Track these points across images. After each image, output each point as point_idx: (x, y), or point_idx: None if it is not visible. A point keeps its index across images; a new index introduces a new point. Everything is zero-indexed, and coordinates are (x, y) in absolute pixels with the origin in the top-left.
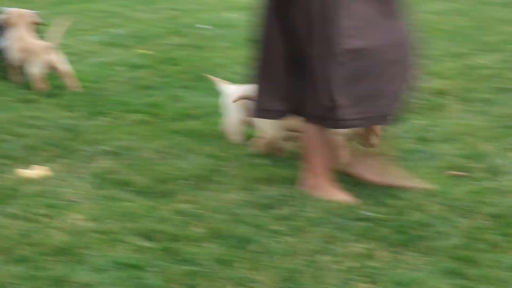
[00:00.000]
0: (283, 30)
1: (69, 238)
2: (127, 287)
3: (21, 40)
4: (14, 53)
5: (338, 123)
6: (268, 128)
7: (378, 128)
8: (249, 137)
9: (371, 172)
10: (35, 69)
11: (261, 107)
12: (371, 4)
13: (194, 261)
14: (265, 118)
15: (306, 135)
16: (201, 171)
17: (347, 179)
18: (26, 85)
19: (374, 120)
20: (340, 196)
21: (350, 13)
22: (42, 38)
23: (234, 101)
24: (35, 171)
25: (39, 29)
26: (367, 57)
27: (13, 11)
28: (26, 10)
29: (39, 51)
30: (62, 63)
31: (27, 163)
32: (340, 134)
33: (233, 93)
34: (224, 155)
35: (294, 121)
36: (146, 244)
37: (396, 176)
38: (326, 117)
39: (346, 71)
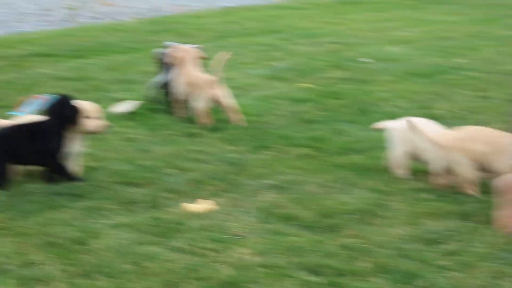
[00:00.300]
0: None
1: (235, 272)
2: None
3: (187, 75)
4: (179, 88)
5: None
6: (465, 167)
7: None
8: (414, 171)
9: None
10: (200, 104)
11: None
12: None
13: None
14: None
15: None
16: (366, 206)
17: None
18: (190, 119)
19: None
20: None
21: None
22: (206, 72)
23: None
24: (201, 205)
25: (203, 63)
26: None
27: (179, 46)
28: (191, 45)
29: (205, 86)
30: (226, 97)
31: (192, 197)
32: None
33: (398, 127)
34: (388, 190)
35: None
36: (313, 278)
37: None
38: None
39: None
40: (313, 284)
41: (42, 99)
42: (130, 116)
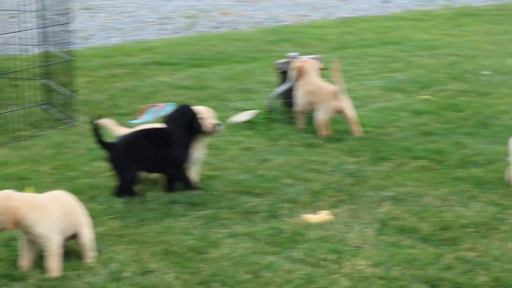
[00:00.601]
0: None
1: (353, 284)
2: None
3: (310, 85)
4: (301, 98)
5: None
6: None
7: None
8: None
9: None
10: (323, 114)
11: None
12: None
13: None
14: None
15: None
16: (484, 219)
17: None
18: (309, 129)
19: None
20: None
21: None
22: (328, 82)
23: None
24: (319, 216)
25: (322, 74)
26: None
27: (300, 57)
28: (311, 56)
29: (328, 97)
30: (349, 108)
31: (311, 208)
32: None
33: None
34: (508, 203)
35: None
36: None
37: None
38: None
39: None
40: None
41: (161, 108)
42: (249, 125)
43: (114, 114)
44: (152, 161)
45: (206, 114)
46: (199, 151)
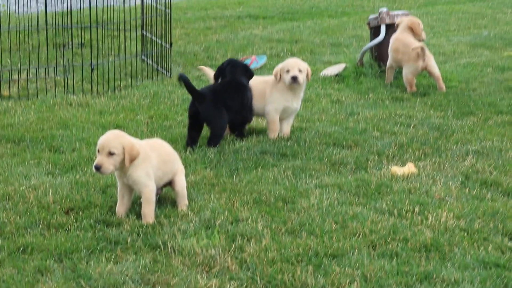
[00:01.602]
0: None
1: (437, 235)
2: (492, 286)
3: (399, 41)
4: (391, 54)
5: None
6: None
7: None
8: None
9: None
10: (408, 73)
11: None
12: None
13: None
14: None
15: None
16: None
17: None
18: (397, 84)
19: None
20: None
21: None
22: (416, 39)
23: None
24: (406, 169)
25: (412, 30)
26: None
27: (391, 13)
28: (402, 11)
29: (414, 56)
30: (434, 66)
31: (398, 160)
32: None
33: None
34: None
35: None
36: (511, 244)
37: None
38: None
39: None
40: (511, 249)
41: (254, 60)
42: (339, 79)
43: (209, 65)
44: (236, 108)
45: (290, 66)
46: (294, 103)
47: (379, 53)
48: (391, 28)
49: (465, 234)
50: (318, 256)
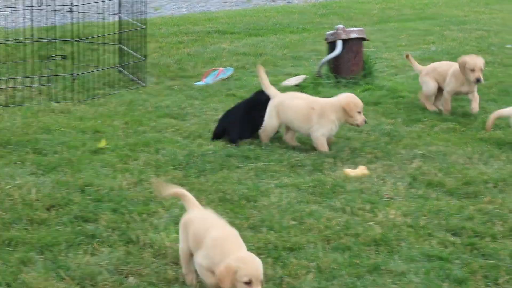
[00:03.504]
0: None
1: (385, 231)
2: (436, 277)
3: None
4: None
5: None
6: None
7: None
8: None
9: None
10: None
11: None
12: None
13: (495, 256)
14: None
15: None
16: (504, 176)
17: None
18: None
19: None
20: None
21: None
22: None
23: None
24: (358, 170)
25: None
26: None
27: (345, 29)
28: (356, 29)
29: None
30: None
31: (351, 163)
32: None
33: None
34: None
35: None
36: (453, 239)
37: None
38: None
39: None
40: (453, 244)
41: (221, 71)
42: (299, 88)
43: (181, 76)
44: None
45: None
46: None
47: (336, 65)
48: (347, 43)
49: (412, 229)
50: (277, 249)
